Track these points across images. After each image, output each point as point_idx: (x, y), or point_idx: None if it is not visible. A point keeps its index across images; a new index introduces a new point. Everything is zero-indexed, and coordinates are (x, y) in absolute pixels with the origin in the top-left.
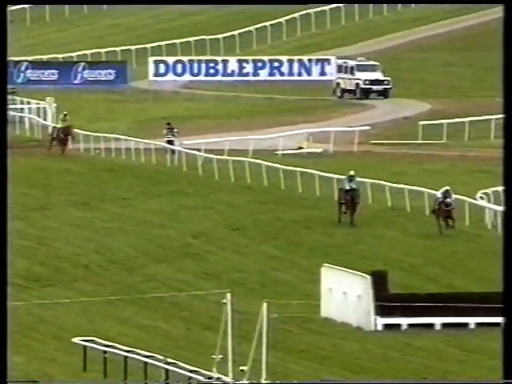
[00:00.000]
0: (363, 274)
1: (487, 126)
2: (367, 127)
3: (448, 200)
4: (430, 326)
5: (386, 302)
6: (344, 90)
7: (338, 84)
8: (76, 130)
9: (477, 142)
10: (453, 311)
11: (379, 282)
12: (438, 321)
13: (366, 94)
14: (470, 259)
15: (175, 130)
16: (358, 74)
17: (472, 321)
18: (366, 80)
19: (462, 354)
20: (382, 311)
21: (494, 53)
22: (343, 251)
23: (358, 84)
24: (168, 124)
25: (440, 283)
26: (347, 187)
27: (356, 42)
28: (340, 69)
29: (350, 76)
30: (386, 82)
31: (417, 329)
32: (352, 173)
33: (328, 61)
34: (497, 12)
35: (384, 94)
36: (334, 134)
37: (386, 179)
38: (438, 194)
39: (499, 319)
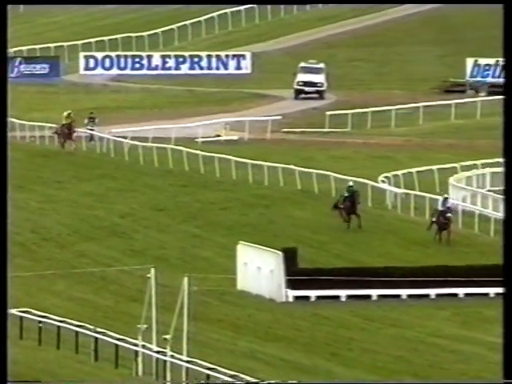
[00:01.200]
0: (275, 251)
1: (388, 116)
2: (279, 117)
3: (448, 215)
4: (336, 297)
5: (296, 276)
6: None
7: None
8: (14, 120)
9: (378, 131)
10: (357, 284)
11: (290, 258)
12: (343, 293)
13: (298, 94)
14: (372, 237)
15: (96, 120)
16: (299, 76)
17: (374, 293)
18: (299, 81)
19: (364, 322)
20: (292, 284)
21: (394, 48)
22: (257, 230)
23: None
24: (91, 113)
25: (345, 259)
26: (346, 194)
27: (269, 39)
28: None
29: (294, 77)
30: (319, 85)
31: (324, 300)
32: (351, 183)
33: (243, 56)
34: (397, 11)
35: (316, 94)
36: (249, 122)
37: (295, 164)
38: (439, 205)
39: (399, 291)
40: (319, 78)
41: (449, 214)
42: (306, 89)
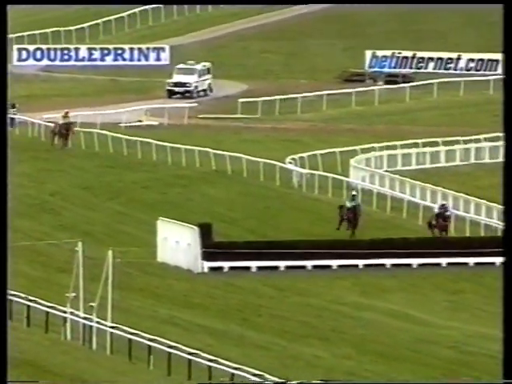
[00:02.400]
0: (192, 226)
1: (294, 103)
2: (195, 104)
3: (447, 213)
4: (247, 268)
5: (211, 248)
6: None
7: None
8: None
9: (286, 116)
10: (266, 256)
11: (205, 232)
12: (253, 264)
13: (171, 94)
14: (281, 213)
15: (17, 106)
16: (173, 77)
17: (282, 264)
18: (170, 82)
19: (273, 291)
20: (207, 256)
21: (300, 42)
22: (175, 207)
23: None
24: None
25: (256, 233)
26: (349, 205)
27: (186, 33)
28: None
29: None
30: (187, 85)
31: (236, 271)
32: (354, 193)
33: (163, 49)
34: (303, 8)
35: (185, 94)
36: (168, 109)
37: (210, 147)
38: (436, 208)
39: (305, 262)
40: (190, 79)
41: (448, 213)
42: (176, 89)
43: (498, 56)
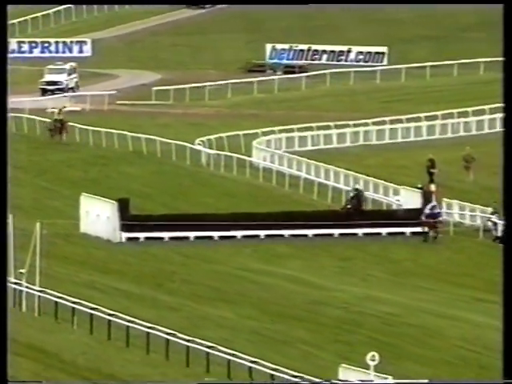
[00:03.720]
0: (111, 201)
1: (203, 91)
2: (114, 91)
3: (436, 211)
4: (161, 238)
5: (128, 221)
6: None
7: None
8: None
9: (195, 103)
10: (178, 228)
11: (123, 207)
12: (166, 235)
13: (44, 92)
14: (191, 189)
15: None
16: (44, 76)
17: (192, 235)
18: (42, 81)
19: (184, 259)
20: (125, 228)
21: (208, 36)
22: (96, 184)
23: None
24: None
25: (168, 207)
26: (352, 194)
27: (105, 28)
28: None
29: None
30: (59, 83)
31: (151, 241)
32: (357, 186)
33: (85, 42)
34: (209, 6)
35: (56, 92)
36: (90, 96)
37: (127, 130)
38: (427, 209)
39: (212, 233)
40: (60, 78)
41: (439, 216)
42: (49, 87)
43: (384, 49)
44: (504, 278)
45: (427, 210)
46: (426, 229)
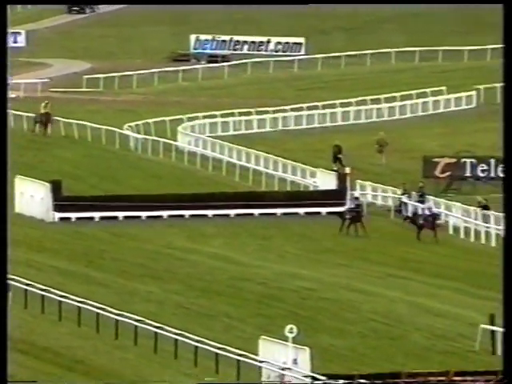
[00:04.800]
0: (45, 183)
1: (131, 79)
2: (47, 79)
3: (438, 222)
4: (92, 218)
5: (61, 201)
6: None
7: None
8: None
9: (123, 90)
10: (107, 208)
11: (56, 188)
12: (97, 215)
13: None
14: (119, 172)
15: None
16: None
17: (120, 214)
18: None
19: (113, 238)
20: (58, 208)
21: (137, 28)
22: (31, 167)
23: None
24: None
25: (98, 188)
26: (351, 205)
27: (38, 20)
28: None
29: None
30: None
31: (82, 220)
32: (356, 195)
33: (19, 33)
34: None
35: None
36: (24, 84)
37: (60, 115)
38: (420, 209)
39: (139, 213)
40: None
41: (438, 222)
42: None
43: (301, 40)
44: (504, 278)
45: (426, 211)
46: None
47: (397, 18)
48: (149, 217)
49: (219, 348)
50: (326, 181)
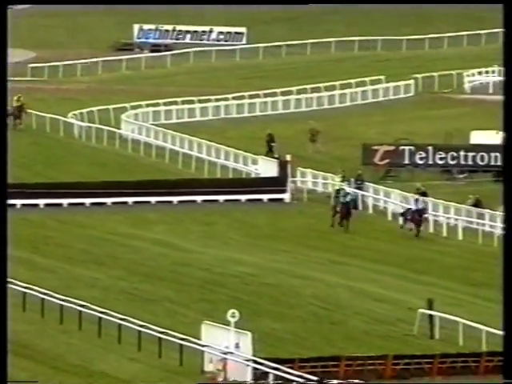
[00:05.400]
0: None
1: (75, 68)
2: None
3: (425, 215)
4: (36, 205)
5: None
6: None
7: None
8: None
9: (68, 79)
10: (52, 195)
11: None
12: (41, 202)
13: None
14: (64, 159)
15: None
16: None
17: (65, 202)
18: None
19: (58, 224)
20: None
21: (81, 18)
22: None
23: None
24: None
25: (43, 176)
26: (342, 200)
27: None
28: None
29: None
30: None
31: (27, 207)
32: (347, 190)
33: None
34: None
35: None
36: None
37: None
38: (412, 205)
39: (84, 200)
40: None
41: (426, 215)
42: None
43: (243, 29)
44: (504, 278)
45: (413, 207)
46: (413, 225)
47: (340, 10)
48: (93, 203)
49: (162, 332)
50: (267, 168)
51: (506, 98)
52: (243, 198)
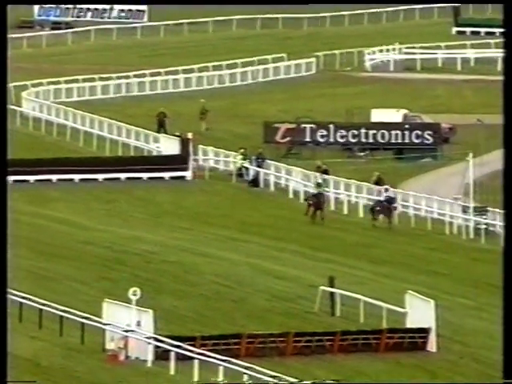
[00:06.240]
0: None
1: None
2: None
3: (394, 205)
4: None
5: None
6: None
7: None
8: None
9: None
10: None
11: None
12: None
13: None
14: None
15: None
16: None
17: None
18: None
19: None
20: None
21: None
22: None
23: None
24: None
25: None
26: (314, 191)
27: None
28: None
29: None
30: None
31: None
32: (319, 181)
33: None
34: None
35: None
36: None
37: None
38: (381, 196)
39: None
40: None
41: (395, 205)
42: None
43: (144, 7)
44: (504, 278)
45: (382, 197)
46: (381, 216)
47: None
48: None
49: (63, 311)
50: (168, 146)
51: (505, 98)
52: (145, 175)
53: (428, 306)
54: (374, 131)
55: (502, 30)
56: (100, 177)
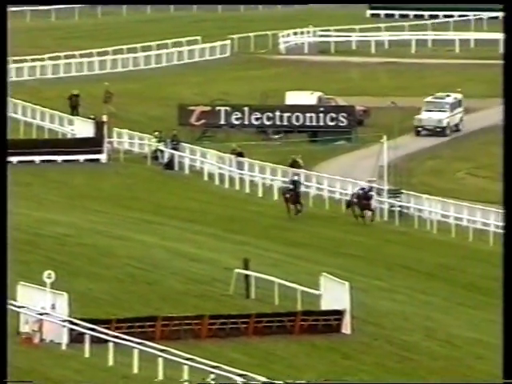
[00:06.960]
0: None
1: None
2: None
3: (370, 193)
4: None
5: None
6: None
7: None
8: None
9: None
10: None
11: None
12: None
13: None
14: None
15: None
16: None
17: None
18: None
19: None
20: None
21: None
22: None
23: None
24: None
25: None
26: (290, 187)
27: None
28: None
29: None
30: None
31: None
32: (296, 178)
33: None
34: None
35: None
36: None
37: None
38: (358, 189)
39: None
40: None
41: (370, 193)
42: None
43: None
44: (504, 278)
45: (359, 191)
46: (357, 209)
47: None
48: None
49: None
50: (83, 129)
51: (505, 98)
52: (59, 158)
53: (342, 288)
54: (289, 114)
55: (415, 12)
56: (14, 159)
